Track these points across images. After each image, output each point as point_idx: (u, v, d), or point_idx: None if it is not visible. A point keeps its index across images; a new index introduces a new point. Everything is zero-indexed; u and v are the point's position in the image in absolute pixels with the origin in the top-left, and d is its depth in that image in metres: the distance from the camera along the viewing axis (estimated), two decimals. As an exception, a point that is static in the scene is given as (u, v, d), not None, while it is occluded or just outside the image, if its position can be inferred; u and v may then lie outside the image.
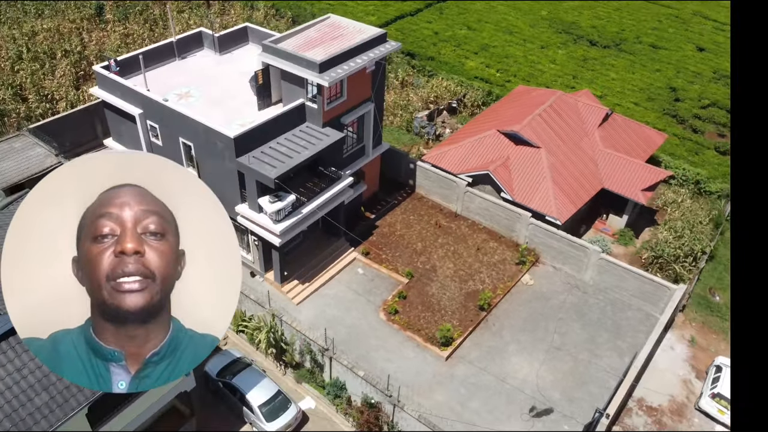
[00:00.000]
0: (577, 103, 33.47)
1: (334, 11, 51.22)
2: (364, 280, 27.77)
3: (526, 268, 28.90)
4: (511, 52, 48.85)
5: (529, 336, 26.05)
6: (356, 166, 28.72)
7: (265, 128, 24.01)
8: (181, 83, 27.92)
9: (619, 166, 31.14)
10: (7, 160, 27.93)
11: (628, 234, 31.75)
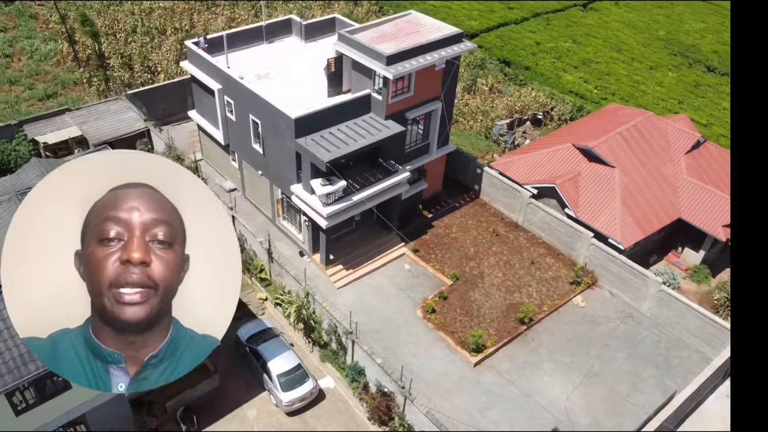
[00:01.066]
0: (667, 126, 32.17)
1: (436, 13, 52.30)
2: (408, 276, 28.41)
3: (579, 289, 28.27)
4: (615, 70, 47.48)
5: (567, 357, 25.53)
6: (417, 163, 29.45)
7: (327, 113, 25.36)
8: (263, 65, 29.99)
9: (701, 196, 29.62)
10: (102, 120, 31.37)
11: (704, 271, 30.10)
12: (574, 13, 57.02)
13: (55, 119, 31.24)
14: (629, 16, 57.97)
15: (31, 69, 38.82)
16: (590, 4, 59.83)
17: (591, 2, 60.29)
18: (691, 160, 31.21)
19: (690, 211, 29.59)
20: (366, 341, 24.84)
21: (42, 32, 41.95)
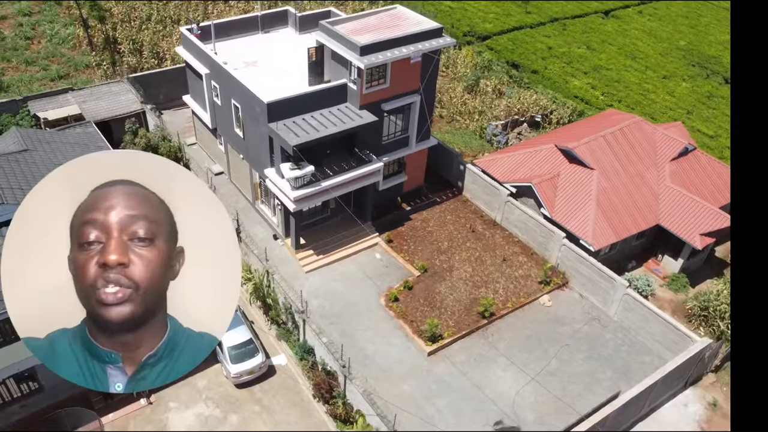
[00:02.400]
0: (655, 132, 32.10)
1: (452, 14, 52.98)
2: (378, 265, 29.14)
3: (548, 289, 28.50)
4: (626, 78, 47.26)
5: (525, 354, 25.84)
6: (396, 155, 30.21)
7: (301, 100, 26.38)
8: (254, 53, 31.24)
9: (681, 204, 29.49)
10: (102, 100, 33.14)
11: (682, 280, 29.93)
12: (594, 20, 56.83)
13: (57, 97, 33.15)
14: (651, 25, 57.43)
15: (48, 51, 41.10)
16: (613, 12, 59.50)
17: (614, 10, 59.94)
18: (676, 167, 31.07)
19: (669, 218, 29.48)
20: (323, 324, 25.77)
21: (64, 17, 44.33)
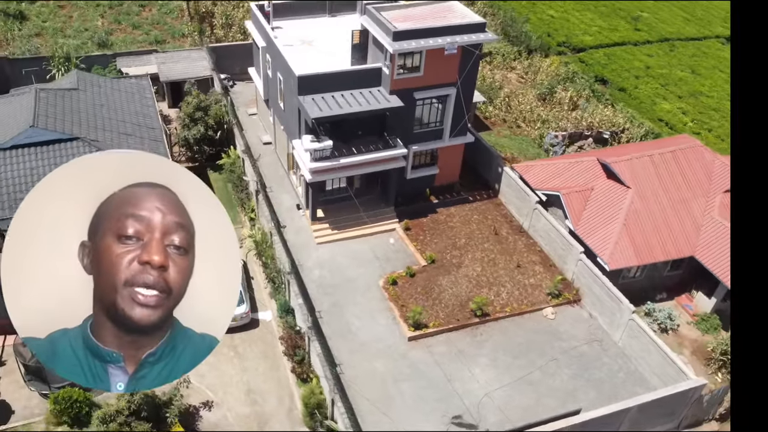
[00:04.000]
0: (715, 161, 30.39)
1: (551, 23, 52.60)
2: (389, 249, 30.23)
3: (555, 302, 28.08)
4: (727, 108, 44.52)
5: (509, 359, 25.80)
6: (427, 146, 31.14)
7: (333, 78, 28.18)
8: (314, 34, 33.52)
9: (723, 238, 27.80)
10: (178, 63, 37.09)
11: (713, 321, 28.21)
12: (712, 44, 53.69)
13: (142, 57, 37.58)
14: (778, 57, 53.17)
15: (154, 19, 46.33)
16: (737, 39, 55.75)
17: (739, 36, 56.14)
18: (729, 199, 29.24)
19: (706, 251, 27.91)
20: (318, 292, 27.41)
21: (178, -10, 49.63)
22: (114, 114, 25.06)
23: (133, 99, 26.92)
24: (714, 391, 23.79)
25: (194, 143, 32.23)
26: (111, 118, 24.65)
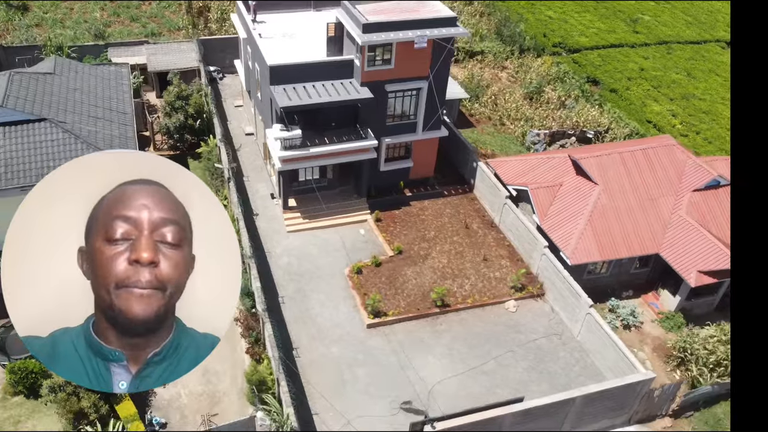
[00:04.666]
0: (687, 160, 30.40)
1: (549, 23, 52.73)
2: (359, 240, 30.73)
3: (517, 295, 28.33)
4: (718, 110, 44.31)
5: (465, 349, 26.13)
6: (400, 139, 31.57)
7: (305, 69, 28.78)
8: (296, 27, 34.14)
9: (688, 236, 27.87)
10: (167, 55, 38.03)
11: (677, 319, 28.24)
12: (711, 48, 53.36)
13: (133, 48, 38.58)
14: (779, 62, 52.67)
15: (153, 12, 47.46)
16: (738, 43, 55.32)
17: (741, 41, 55.69)
18: (699, 198, 29.25)
19: (671, 249, 27.96)
20: (283, 278, 27.97)
21: (178, -15, 50.74)
22: (86, 98, 25.94)
23: (109, 85, 27.79)
24: (665, 387, 23.87)
25: (174, 131, 33.05)
26: (83, 102, 25.54)
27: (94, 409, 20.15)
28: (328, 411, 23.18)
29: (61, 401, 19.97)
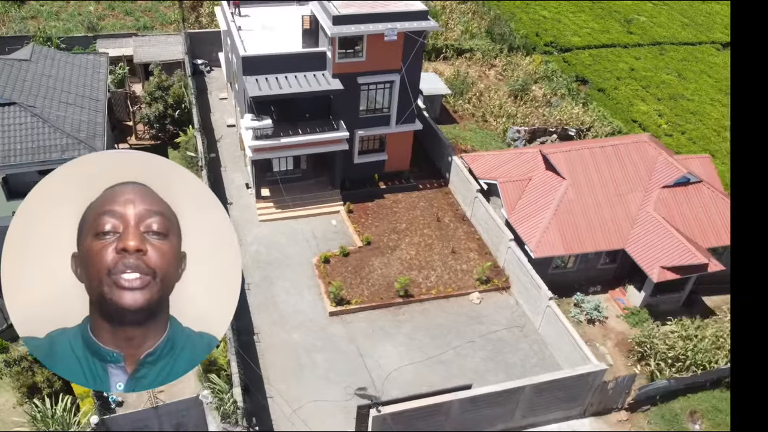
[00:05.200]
0: (659, 156, 30.46)
1: (542, 23, 52.88)
2: (329, 230, 31.14)
3: (482, 288, 28.57)
4: (706, 111, 44.19)
5: (426, 339, 26.42)
6: (374, 131, 31.96)
7: (278, 60, 29.27)
8: (279, 20, 34.61)
9: (653, 232, 27.96)
10: (154, 47, 38.79)
11: (642, 315, 28.31)
12: (705, 50, 53.12)
13: (121, 39, 39.36)
14: (774, 64, 52.31)
15: (147, 6, 48.33)
16: (734, 45, 55.05)
17: (737, 43, 55.38)
18: (667, 194, 29.30)
19: (636, 245, 28.06)
20: (252, 266, 28.47)
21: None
22: (60, 84, 26.63)
23: (85, 73, 28.47)
24: (618, 379, 23.98)
25: (155, 120, 33.70)
26: (55, 88, 26.22)
27: (47, 384, 20.70)
28: (282, 395, 23.59)
29: (15, 375, 20.54)
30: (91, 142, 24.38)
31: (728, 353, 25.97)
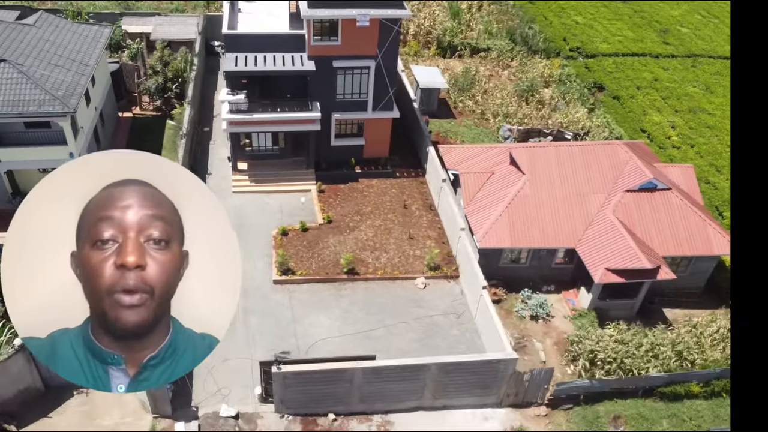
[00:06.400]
0: (629, 161, 30.16)
1: (574, 28, 52.58)
2: (297, 207, 32.67)
3: (430, 274, 29.27)
4: (724, 127, 42.85)
5: (362, 315, 27.45)
6: (350, 116, 33.26)
7: (259, 40, 31.17)
8: (282, 7, 36.34)
9: (605, 234, 27.84)
10: (171, 26, 41.69)
11: (589, 316, 28.21)
12: (745, 65, 51.03)
13: (144, 18, 42.51)
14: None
15: (183, -9, 51.62)
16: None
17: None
18: (630, 199, 29.00)
19: (587, 245, 28.01)
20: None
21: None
22: (54, 49, 29.50)
23: (84, 41, 31.30)
24: (534, 371, 24.15)
25: (155, 92, 36.37)
26: (48, 51, 29.08)
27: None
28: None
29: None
30: (66, 100, 26.99)
31: (662, 362, 25.56)
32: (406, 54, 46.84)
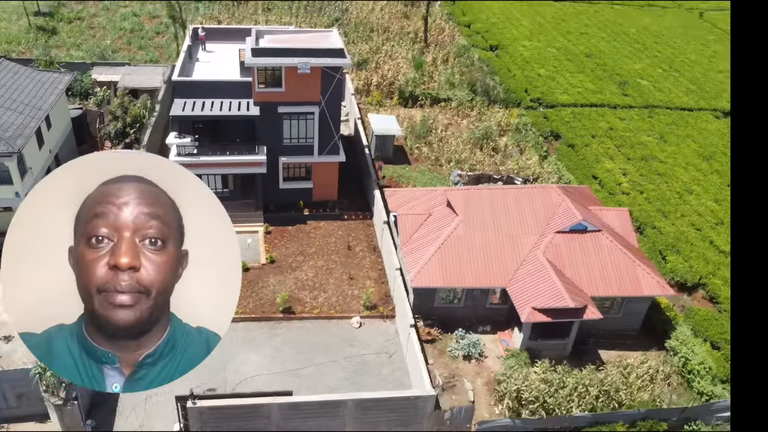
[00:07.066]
0: (562, 203, 30.81)
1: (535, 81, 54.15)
2: (242, 248, 32.93)
3: (366, 314, 29.57)
4: (675, 174, 43.68)
5: (292, 353, 27.64)
6: (297, 159, 34.19)
7: (208, 86, 32.43)
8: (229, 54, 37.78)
9: (534, 273, 28.24)
10: (139, 75, 43.30)
11: (522, 358, 28.25)
12: (700, 116, 52.28)
13: (114, 68, 44.11)
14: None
15: (161, 44, 53.62)
16: (737, 114, 53.83)
17: (741, 112, 54.14)
18: (561, 240, 29.52)
19: (517, 285, 28.37)
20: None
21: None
22: (9, 93, 30.76)
23: (41, 87, 32.59)
24: (454, 409, 24.16)
25: (114, 137, 37.49)
26: (2, 96, 30.32)
27: None
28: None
29: None
30: (12, 141, 27.98)
31: (587, 402, 25.57)
32: (368, 103, 48.33)
